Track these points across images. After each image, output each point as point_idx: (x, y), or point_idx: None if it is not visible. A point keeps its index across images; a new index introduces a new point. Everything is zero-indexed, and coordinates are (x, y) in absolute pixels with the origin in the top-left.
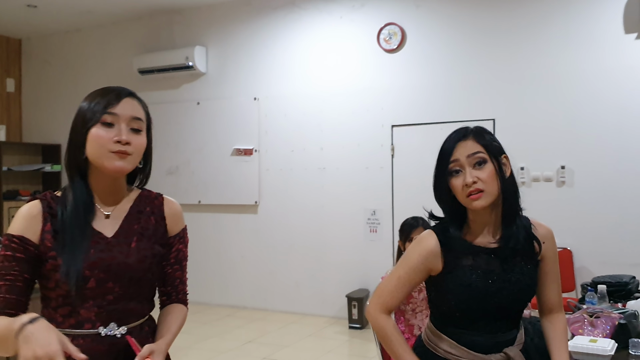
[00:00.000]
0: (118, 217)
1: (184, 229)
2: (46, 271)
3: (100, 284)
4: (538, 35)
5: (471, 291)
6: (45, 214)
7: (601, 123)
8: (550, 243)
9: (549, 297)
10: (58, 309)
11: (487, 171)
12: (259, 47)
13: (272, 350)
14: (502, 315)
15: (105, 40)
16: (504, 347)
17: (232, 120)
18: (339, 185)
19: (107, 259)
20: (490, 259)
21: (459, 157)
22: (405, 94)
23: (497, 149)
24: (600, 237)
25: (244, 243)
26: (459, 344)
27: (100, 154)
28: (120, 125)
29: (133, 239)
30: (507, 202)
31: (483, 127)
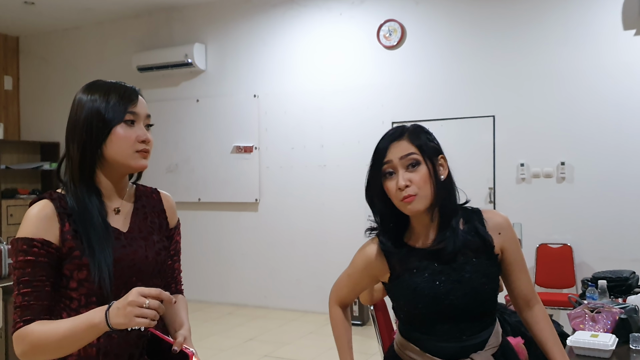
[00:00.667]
0: (126, 213)
1: (179, 220)
2: (68, 271)
3: (124, 279)
4: (537, 32)
5: (418, 295)
6: (60, 214)
7: (601, 119)
8: (507, 232)
9: (520, 288)
10: (81, 309)
11: (420, 174)
12: (259, 44)
13: (273, 348)
14: (463, 318)
15: (104, 38)
16: (472, 352)
17: (232, 118)
18: (340, 182)
19: (130, 254)
20: (437, 261)
21: (392, 158)
22: (405, 91)
23: (433, 149)
24: (600, 232)
25: (244, 241)
26: (424, 351)
27: (126, 153)
28: (140, 124)
29: (146, 233)
30: (442, 205)
31: (420, 126)
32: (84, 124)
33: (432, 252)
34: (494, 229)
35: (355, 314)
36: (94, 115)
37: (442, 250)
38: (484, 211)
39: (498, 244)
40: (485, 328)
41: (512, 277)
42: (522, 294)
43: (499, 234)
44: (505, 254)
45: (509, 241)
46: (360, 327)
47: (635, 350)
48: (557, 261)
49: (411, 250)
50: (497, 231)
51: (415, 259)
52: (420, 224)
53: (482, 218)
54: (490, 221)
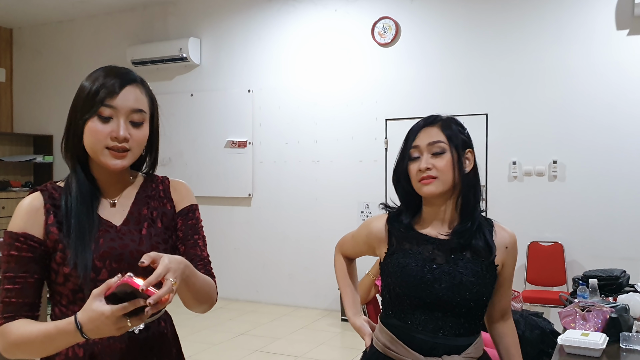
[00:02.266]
0: (125, 204)
1: (191, 206)
2: (55, 265)
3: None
4: (531, 30)
5: (405, 274)
6: (47, 206)
7: (593, 118)
8: (512, 250)
9: (502, 303)
10: (70, 305)
11: (445, 161)
12: (253, 39)
13: (264, 343)
14: (443, 313)
15: (98, 31)
16: (445, 351)
17: (226, 112)
18: (333, 178)
19: (118, 248)
20: (435, 250)
21: (419, 143)
22: (399, 88)
23: (462, 141)
24: (592, 231)
25: (237, 235)
26: (398, 338)
27: (96, 149)
28: (119, 120)
29: (143, 225)
30: (464, 197)
31: (454, 119)
32: (70, 116)
33: (434, 241)
34: (502, 243)
35: None
36: (77, 105)
37: (451, 240)
38: (496, 224)
39: (501, 258)
40: (464, 335)
41: (499, 291)
42: (502, 308)
43: (506, 248)
44: (503, 270)
45: (510, 259)
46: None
47: (626, 349)
48: (548, 259)
49: (415, 233)
50: (505, 245)
51: (415, 242)
52: (432, 211)
53: (492, 228)
54: (499, 234)
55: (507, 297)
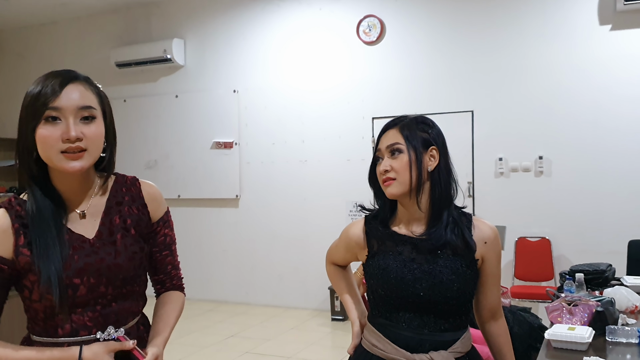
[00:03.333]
0: (95, 213)
1: (167, 212)
2: (29, 284)
3: (91, 290)
4: (515, 28)
5: (387, 275)
6: (15, 226)
7: (578, 113)
8: (492, 244)
9: (490, 300)
10: (48, 320)
11: (400, 162)
12: (238, 39)
13: (254, 344)
14: (427, 311)
15: (81, 33)
16: (431, 347)
17: (212, 113)
18: (321, 177)
19: (95, 263)
20: (414, 250)
21: (380, 146)
22: (385, 86)
23: (421, 140)
24: (578, 226)
25: (225, 237)
26: (385, 336)
27: (50, 156)
28: (67, 120)
29: (117, 236)
30: (432, 194)
31: (421, 118)
32: (19, 125)
33: (412, 240)
34: (480, 238)
35: (337, 309)
36: (21, 118)
37: (423, 241)
38: (475, 218)
39: (480, 252)
40: (450, 330)
41: (484, 287)
42: (490, 306)
43: (485, 243)
44: (485, 265)
45: (491, 253)
46: (342, 322)
47: (612, 342)
48: (535, 254)
49: (393, 234)
50: (483, 240)
51: (394, 243)
52: (406, 211)
53: (470, 223)
54: (478, 229)
55: (494, 294)
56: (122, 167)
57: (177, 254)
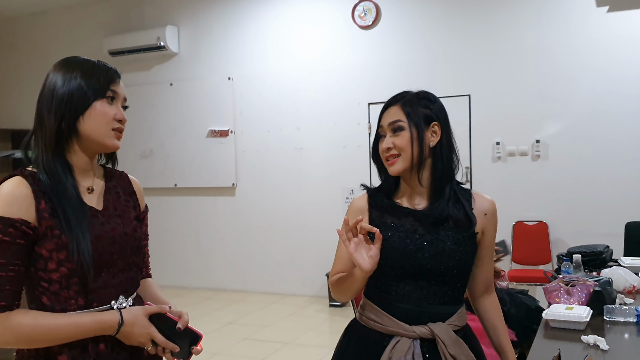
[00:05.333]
0: (99, 192)
1: (147, 206)
2: (46, 252)
3: (106, 257)
4: (512, 10)
5: (390, 245)
6: (35, 191)
7: (574, 96)
8: (491, 216)
9: (485, 274)
10: (62, 291)
11: (402, 138)
12: (232, 25)
13: (252, 331)
14: (427, 281)
15: (73, 22)
16: (430, 319)
17: (207, 101)
18: (317, 165)
19: (109, 232)
20: (415, 222)
21: (383, 123)
22: (380, 71)
23: (423, 116)
24: (575, 209)
25: (222, 225)
26: (383, 309)
27: (102, 130)
28: (118, 104)
29: (120, 211)
30: (433, 169)
31: (423, 93)
32: (64, 96)
33: (414, 213)
34: (480, 210)
35: None
36: (75, 87)
37: (425, 214)
38: (475, 192)
39: (480, 225)
40: (448, 303)
41: (481, 261)
42: (485, 280)
43: (485, 215)
44: (483, 237)
45: (490, 226)
46: (340, 308)
47: (609, 322)
48: (533, 238)
49: (395, 206)
50: (484, 212)
51: (396, 216)
52: (408, 186)
53: (470, 197)
54: (477, 202)
55: (489, 268)
56: (118, 157)
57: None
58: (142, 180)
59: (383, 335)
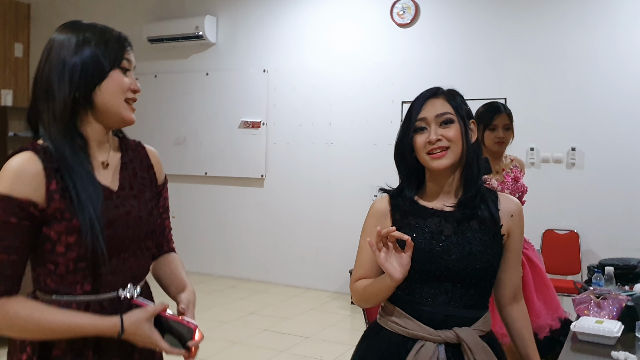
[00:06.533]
0: (114, 167)
1: (166, 177)
2: (55, 234)
3: (118, 242)
4: (554, 14)
5: (415, 247)
6: (47, 170)
7: (614, 105)
8: (518, 218)
9: (512, 279)
10: (68, 275)
11: (454, 130)
12: (270, 18)
13: (273, 322)
14: (452, 283)
15: (115, 7)
16: (456, 324)
17: (241, 92)
18: (347, 160)
19: (123, 215)
20: (442, 222)
21: (426, 115)
22: (416, 70)
23: (466, 112)
24: (608, 220)
25: (249, 216)
26: (407, 313)
27: (118, 101)
28: (131, 73)
29: (136, 190)
30: (469, 167)
31: (455, 90)
32: (78, 64)
33: (440, 213)
34: (507, 212)
35: None
36: (90, 55)
37: (452, 213)
38: (500, 193)
39: (506, 227)
40: (474, 307)
41: (507, 265)
42: (512, 286)
43: (511, 217)
44: (509, 240)
45: (516, 228)
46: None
47: None
48: (562, 247)
49: (420, 207)
50: (510, 214)
51: (420, 216)
52: (437, 184)
53: (497, 199)
54: (504, 203)
55: (517, 273)
56: (152, 143)
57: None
58: (174, 167)
59: (406, 339)
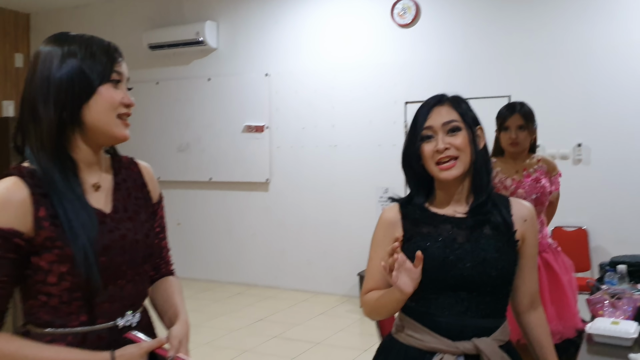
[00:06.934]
0: (106, 189)
1: (161, 194)
2: (46, 264)
3: (114, 268)
4: (555, 9)
5: (428, 256)
6: (34, 196)
7: (620, 100)
8: (531, 222)
9: (529, 286)
10: (62, 306)
11: (463, 138)
12: (270, 21)
13: (283, 329)
14: (468, 292)
15: (114, 15)
16: (474, 334)
17: (243, 97)
18: (351, 162)
19: (118, 240)
20: (454, 229)
21: (432, 123)
22: (418, 70)
23: (472, 119)
24: (617, 216)
25: (254, 221)
26: (423, 325)
27: (109, 118)
28: (123, 86)
29: (131, 212)
30: (477, 173)
31: (460, 96)
32: (64, 81)
33: (452, 220)
34: (520, 217)
35: None
36: (75, 71)
37: (464, 219)
38: (512, 198)
39: (520, 232)
40: (491, 316)
41: (523, 272)
42: (530, 293)
43: (524, 221)
44: (524, 245)
45: (530, 232)
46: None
47: None
48: (571, 244)
49: (431, 214)
50: (523, 219)
51: (432, 224)
52: (447, 191)
53: (508, 204)
54: (516, 208)
55: (534, 279)
56: (155, 150)
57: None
58: (178, 174)
59: (423, 353)
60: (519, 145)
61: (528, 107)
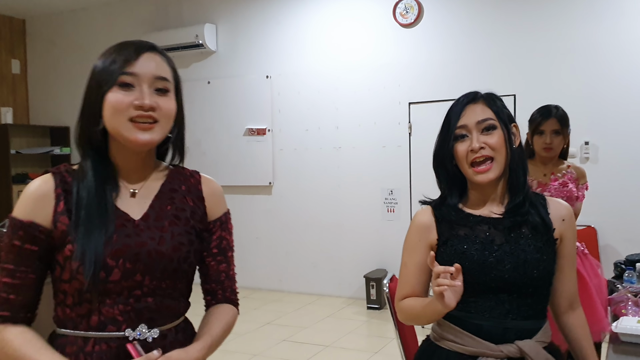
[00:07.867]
0: (147, 196)
1: (227, 213)
2: (62, 259)
3: (126, 276)
4: (560, 7)
5: (465, 260)
6: (58, 191)
7: (627, 98)
8: (570, 221)
9: (568, 286)
10: (75, 307)
11: (497, 137)
12: (271, 23)
13: (290, 332)
14: (509, 294)
15: (112, 19)
16: (516, 336)
17: (244, 99)
18: (355, 164)
19: (134, 246)
20: (491, 230)
21: (466, 122)
22: (422, 70)
23: (507, 116)
24: (626, 214)
25: (258, 224)
26: (464, 329)
27: (118, 123)
28: (141, 87)
29: (165, 222)
30: (513, 172)
31: (494, 93)
32: (84, 94)
33: (488, 221)
34: (558, 216)
35: (372, 297)
36: (92, 81)
37: (506, 218)
38: (549, 197)
39: (559, 231)
40: (533, 317)
41: (562, 272)
42: (568, 294)
43: (563, 221)
44: (562, 245)
45: (569, 232)
46: (378, 311)
47: None
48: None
49: (466, 215)
50: (561, 218)
51: (468, 226)
52: (481, 193)
53: (545, 203)
54: (554, 207)
55: (572, 280)
56: None
57: (234, 264)
58: None
59: (464, 357)
60: (552, 151)
61: (563, 111)
